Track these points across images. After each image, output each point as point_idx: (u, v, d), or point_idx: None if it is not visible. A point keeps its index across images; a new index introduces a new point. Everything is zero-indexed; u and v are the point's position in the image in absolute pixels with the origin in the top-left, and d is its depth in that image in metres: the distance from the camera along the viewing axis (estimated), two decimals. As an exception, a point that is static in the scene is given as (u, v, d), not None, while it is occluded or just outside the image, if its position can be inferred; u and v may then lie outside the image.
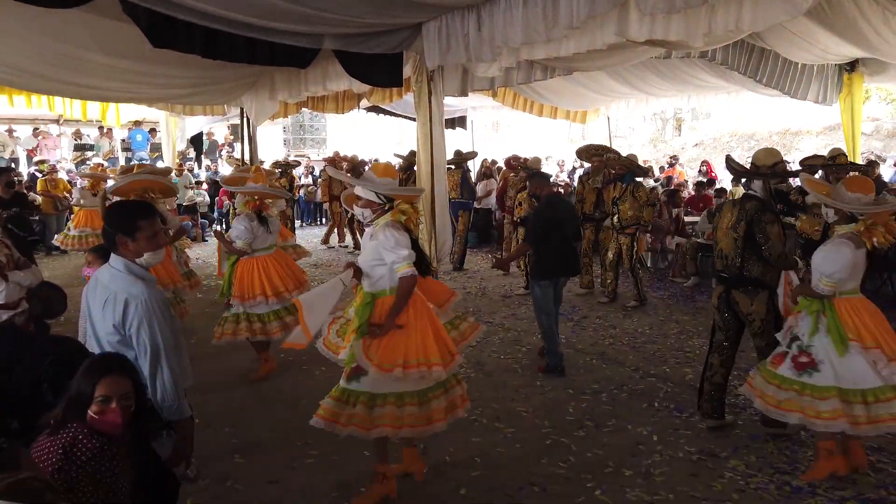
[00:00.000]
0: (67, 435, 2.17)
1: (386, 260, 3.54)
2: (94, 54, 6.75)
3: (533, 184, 6.17)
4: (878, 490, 3.74)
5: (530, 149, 16.42)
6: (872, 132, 19.46)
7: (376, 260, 3.58)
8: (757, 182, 4.31)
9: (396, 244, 3.47)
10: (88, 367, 2.26)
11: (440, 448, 4.31)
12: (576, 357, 6.18)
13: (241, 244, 5.51)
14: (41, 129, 16.52)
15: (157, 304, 2.52)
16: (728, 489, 3.78)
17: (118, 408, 2.22)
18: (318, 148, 22.70)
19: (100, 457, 2.19)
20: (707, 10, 4.33)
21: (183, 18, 5.17)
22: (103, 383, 2.21)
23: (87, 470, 2.16)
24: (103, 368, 2.25)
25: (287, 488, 3.86)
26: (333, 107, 11.24)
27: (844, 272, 3.73)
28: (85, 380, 2.21)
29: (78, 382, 2.22)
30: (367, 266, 3.63)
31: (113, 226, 2.60)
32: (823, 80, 9.88)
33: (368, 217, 3.72)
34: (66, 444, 2.14)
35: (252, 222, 5.53)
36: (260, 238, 5.59)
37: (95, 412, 2.21)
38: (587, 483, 3.87)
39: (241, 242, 5.50)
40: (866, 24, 6.67)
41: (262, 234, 5.60)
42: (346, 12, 5.35)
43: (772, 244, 4.16)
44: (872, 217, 3.76)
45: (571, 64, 7.35)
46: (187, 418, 2.57)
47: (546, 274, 5.72)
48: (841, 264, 3.73)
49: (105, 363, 2.30)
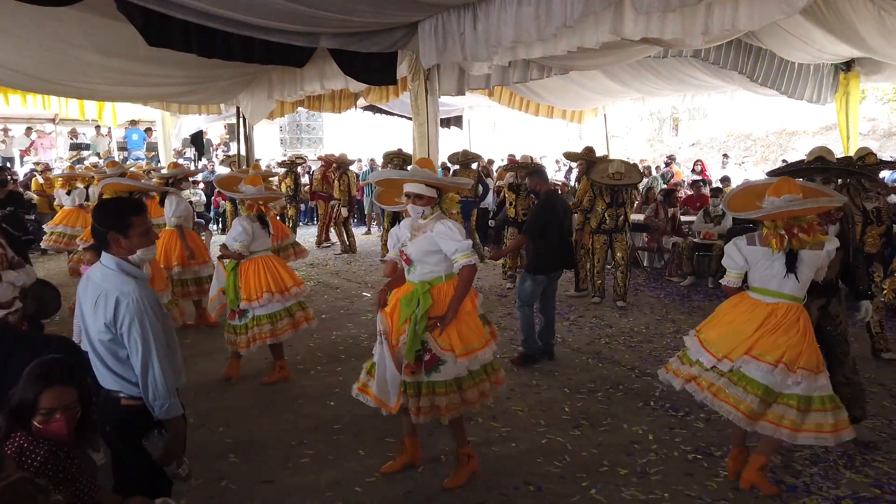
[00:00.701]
0: (13, 446, 2.12)
1: (446, 249, 3.63)
2: (89, 53, 6.74)
3: (532, 181, 6.20)
4: (872, 489, 3.74)
5: (527, 148, 16.43)
6: (869, 132, 19.48)
7: (431, 250, 3.66)
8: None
9: (459, 234, 3.61)
10: (31, 377, 2.20)
11: (435, 447, 4.30)
12: (571, 356, 6.18)
13: (238, 246, 5.41)
14: (36, 128, 16.49)
15: (148, 302, 2.50)
16: (723, 488, 3.78)
17: (62, 418, 2.17)
18: (314, 147, 22.65)
19: (53, 461, 2.15)
20: (702, 8, 4.33)
21: (178, 17, 5.15)
22: (47, 395, 2.17)
23: (46, 475, 2.11)
24: (46, 379, 2.20)
25: (281, 487, 3.85)
26: (330, 106, 11.23)
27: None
28: (28, 389, 2.16)
29: (20, 391, 2.16)
30: (421, 256, 3.70)
31: (104, 224, 2.57)
32: (819, 80, 9.90)
33: (419, 212, 3.74)
34: (14, 454, 2.09)
35: (253, 224, 5.45)
36: (259, 240, 5.51)
37: (39, 422, 2.16)
38: (582, 482, 3.86)
39: (239, 245, 5.41)
40: (861, 24, 6.69)
41: (262, 236, 5.53)
42: (343, 11, 5.34)
43: None
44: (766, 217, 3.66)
45: (567, 63, 7.36)
46: (179, 417, 2.55)
47: (545, 269, 5.81)
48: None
49: (48, 373, 2.24)
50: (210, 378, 5.60)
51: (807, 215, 3.60)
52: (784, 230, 3.59)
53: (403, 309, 3.67)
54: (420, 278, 3.71)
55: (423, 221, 3.73)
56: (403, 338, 3.62)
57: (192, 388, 5.24)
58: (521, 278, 5.99)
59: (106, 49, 6.71)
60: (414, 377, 3.63)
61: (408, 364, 3.60)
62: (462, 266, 3.60)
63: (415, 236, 3.72)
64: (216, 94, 9.61)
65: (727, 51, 8.10)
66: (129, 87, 8.46)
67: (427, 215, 3.73)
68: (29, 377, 2.22)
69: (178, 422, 2.56)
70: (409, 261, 3.73)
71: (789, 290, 3.64)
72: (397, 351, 3.59)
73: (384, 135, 20.48)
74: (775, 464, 4.02)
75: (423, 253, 3.68)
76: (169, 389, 2.50)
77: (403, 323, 3.65)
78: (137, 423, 2.56)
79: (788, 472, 3.92)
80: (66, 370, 2.30)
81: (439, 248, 3.64)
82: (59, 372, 2.27)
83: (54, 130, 17.10)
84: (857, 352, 6.09)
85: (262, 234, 5.54)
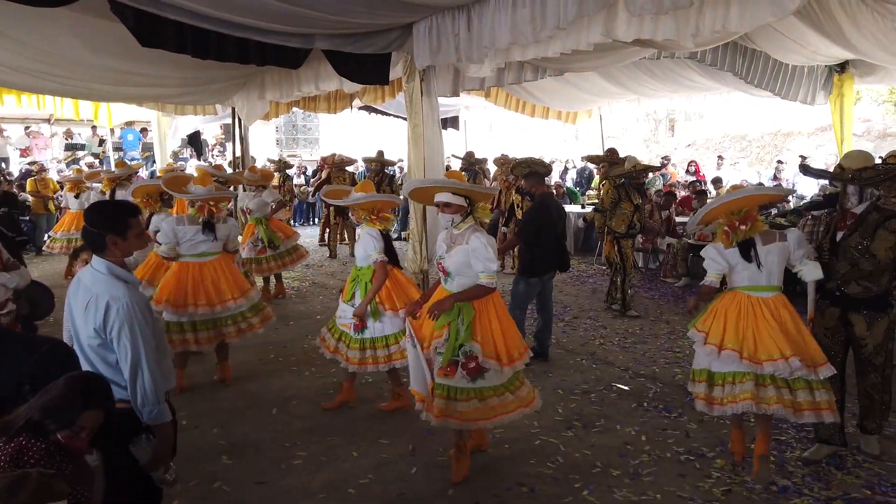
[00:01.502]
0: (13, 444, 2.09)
1: (474, 266, 3.74)
2: (83, 53, 6.72)
3: (528, 183, 6.22)
4: (863, 490, 3.76)
5: (524, 149, 16.41)
6: (864, 133, 19.54)
7: (468, 262, 3.75)
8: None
9: (492, 253, 3.71)
10: (72, 392, 2.13)
11: (429, 449, 4.31)
12: (566, 357, 6.19)
13: (164, 249, 5.27)
14: (31, 128, 16.45)
15: (138, 306, 2.49)
16: (715, 489, 3.80)
17: (87, 437, 2.16)
18: (310, 148, 22.64)
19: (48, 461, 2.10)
20: (694, 11, 4.34)
21: (171, 18, 5.14)
22: (87, 416, 2.13)
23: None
24: (90, 399, 2.16)
25: (274, 489, 3.85)
26: (325, 106, 11.21)
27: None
28: (69, 406, 2.10)
29: (56, 404, 2.09)
30: (459, 269, 3.78)
31: (101, 226, 2.55)
32: (813, 81, 9.92)
33: (449, 220, 3.84)
34: (13, 451, 2.06)
35: (185, 225, 5.28)
36: (190, 244, 5.31)
37: (65, 437, 2.13)
38: (575, 483, 3.88)
39: (165, 247, 5.26)
40: (855, 26, 6.70)
41: (199, 239, 5.32)
42: (337, 13, 5.33)
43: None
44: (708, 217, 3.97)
45: (562, 65, 7.36)
46: (167, 422, 2.55)
47: (538, 271, 5.84)
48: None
49: (92, 393, 2.19)
50: (205, 379, 5.60)
51: (742, 208, 3.78)
52: (728, 226, 3.82)
53: (441, 316, 3.73)
54: (459, 288, 3.79)
55: (457, 232, 3.83)
56: (437, 342, 3.75)
57: (185, 390, 5.25)
58: (515, 281, 6.00)
59: (100, 49, 6.68)
60: (447, 379, 3.71)
61: (442, 367, 3.70)
62: (485, 284, 3.75)
63: (451, 248, 3.82)
64: (211, 94, 9.58)
65: (721, 52, 8.10)
66: (124, 88, 8.44)
67: (459, 225, 3.81)
68: (70, 392, 2.14)
69: (167, 427, 2.54)
70: (447, 272, 3.83)
71: (767, 282, 3.82)
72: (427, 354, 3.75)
73: (381, 135, 20.48)
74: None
75: (462, 265, 3.77)
76: (158, 395, 2.49)
77: (441, 328, 3.75)
78: (127, 427, 2.56)
79: (780, 473, 3.94)
80: (106, 391, 2.26)
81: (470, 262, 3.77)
82: (100, 393, 2.23)
83: (53, 133, 17.06)
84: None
85: (197, 237, 5.31)
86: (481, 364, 3.69)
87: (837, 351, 4.08)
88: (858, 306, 3.98)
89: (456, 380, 3.69)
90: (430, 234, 6.79)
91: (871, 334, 3.98)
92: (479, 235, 3.76)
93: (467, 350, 3.68)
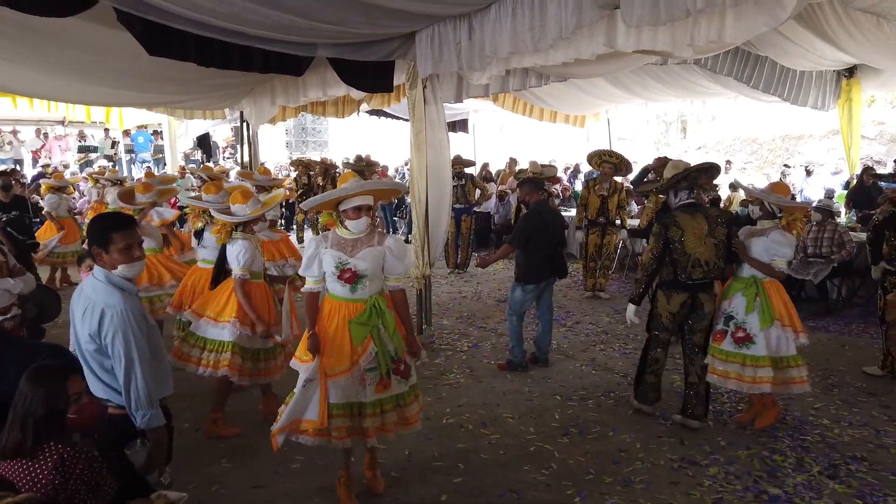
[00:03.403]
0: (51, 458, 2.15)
1: (394, 268, 3.66)
2: (93, 60, 6.84)
3: (522, 191, 6.26)
4: (854, 500, 3.78)
5: (534, 152, 16.41)
6: (876, 136, 19.37)
7: (382, 264, 3.65)
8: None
9: (409, 253, 3.73)
10: (46, 378, 2.24)
11: (425, 454, 4.37)
12: (565, 363, 6.23)
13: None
14: (49, 130, 16.67)
15: (133, 314, 2.58)
16: (706, 497, 3.83)
17: (89, 399, 2.29)
18: (319, 150, 22.79)
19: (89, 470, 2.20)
20: (690, 21, 4.37)
21: (177, 27, 5.23)
22: (72, 382, 2.26)
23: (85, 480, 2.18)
24: (65, 371, 2.29)
25: (271, 493, 3.92)
26: (333, 111, 11.31)
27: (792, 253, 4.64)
28: (51, 388, 2.20)
29: (42, 398, 2.18)
30: (376, 271, 3.63)
31: (89, 238, 2.68)
32: (822, 86, 9.90)
33: (363, 224, 3.65)
34: (57, 464, 2.13)
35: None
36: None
37: (74, 412, 2.23)
38: (567, 490, 3.92)
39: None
40: (858, 32, 6.70)
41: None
42: (338, 22, 5.40)
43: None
44: (792, 212, 4.67)
45: (565, 71, 7.39)
46: (161, 427, 2.63)
47: (533, 278, 5.88)
48: (792, 247, 4.61)
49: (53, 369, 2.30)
50: (206, 383, 5.66)
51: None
52: (799, 221, 4.84)
53: (357, 329, 3.55)
54: (371, 293, 3.63)
55: (362, 235, 3.64)
56: (365, 358, 3.56)
57: (188, 394, 5.32)
58: (512, 287, 6.05)
59: (109, 56, 6.80)
60: (388, 391, 3.63)
61: (381, 380, 3.58)
62: (399, 289, 3.73)
63: (353, 251, 3.58)
64: (219, 100, 9.71)
65: (731, 59, 8.10)
66: (134, 93, 8.58)
67: (367, 227, 3.67)
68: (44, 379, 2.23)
69: (160, 432, 2.63)
70: (359, 275, 3.58)
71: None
72: (363, 371, 3.58)
73: (390, 137, 20.59)
74: (758, 474, 4.07)
75: (378, 267, 3.62)
76: (151, 400, 2.58)
77: (361, 343, 3.55)
78: (124, 431, 2.64)
79: (772, 483, 3.96)
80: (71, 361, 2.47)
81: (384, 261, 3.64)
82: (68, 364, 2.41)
83: (66, 133, 17.27)
84: (852, 360, 6.14)
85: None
86: (408, 363, 3.72)
87: None
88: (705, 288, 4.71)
89: (397, 386, 3.67)
90: (433, 238, 6.85)
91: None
92: (395, 236, 3.77)
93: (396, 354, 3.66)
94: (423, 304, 6.90)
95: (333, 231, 3.68)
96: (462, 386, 5.64)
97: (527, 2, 4.98)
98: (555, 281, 6.09)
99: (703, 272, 4.61)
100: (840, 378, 5.78)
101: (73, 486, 2.15)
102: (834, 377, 5.80)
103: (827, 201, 8.68)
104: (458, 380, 5.78)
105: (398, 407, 3.68)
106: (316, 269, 3.64)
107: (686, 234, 4.57)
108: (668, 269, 4.69)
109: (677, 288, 4.68)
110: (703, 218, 4.62)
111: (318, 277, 3.66)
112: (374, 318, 3.58)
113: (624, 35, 4.85)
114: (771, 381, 4.53)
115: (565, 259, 6.19)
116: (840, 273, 7.87)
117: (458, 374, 5.90)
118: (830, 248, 7.75)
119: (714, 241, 4.59)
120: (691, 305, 4.68)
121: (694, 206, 4.67)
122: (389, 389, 3.62)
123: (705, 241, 4.57)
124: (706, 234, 4.57)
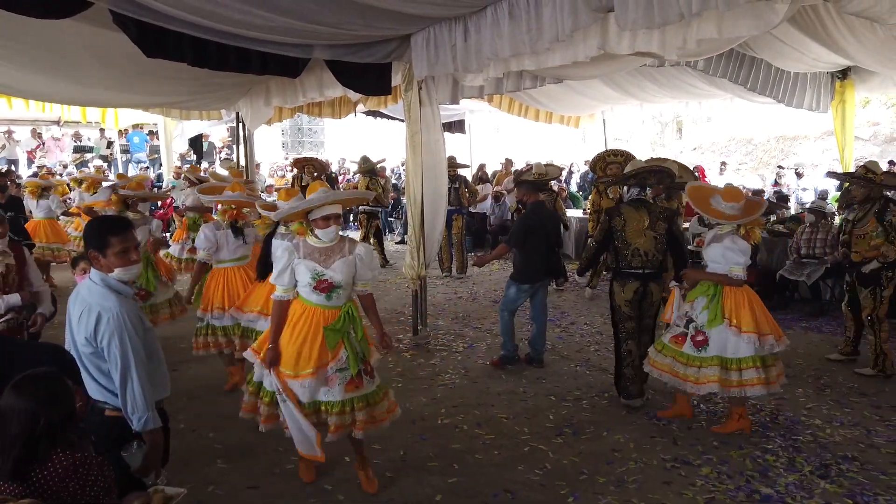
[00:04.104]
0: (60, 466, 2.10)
1: (364, 276, 3.85)
2: (89, 61, 6.83)
3: (519, 191, 6.29)
4: (845, 500, 3.81)
5: (530, 152, 16.46)
6: (871, 137, 19.46)
7: (353, 273, 3.81)
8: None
9: (375, 261, 3.83)
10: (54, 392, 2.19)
11: (420, 454, 4.39)
12: (560, 363, 6.26)
13: (202, 255, 5.39)
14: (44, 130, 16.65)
15: (129, 317, 2.59)
16: (698, 496, 3.86)
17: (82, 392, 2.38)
18: (315, 150, 22.80)
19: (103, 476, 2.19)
20: (684, 24, 4.40)
21: (173, 29, 5.24)
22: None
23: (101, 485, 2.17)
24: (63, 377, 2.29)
25: (267, 493, 3.94)
26: (330, 111, 11.30)
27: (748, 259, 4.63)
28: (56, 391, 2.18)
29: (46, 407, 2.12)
30: (349, 280, 3.79)
31: (85, 240, 2.69)
32: (816, 88, 9.93)
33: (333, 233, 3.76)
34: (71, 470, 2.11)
35: (218, 231, 5.40)
36: (228, 249, 5.43)
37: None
38: (561, 490, 3.95)
39: (203, 253, 5.37)
40: (851, 34, 6.73)
41: (232, 244, 5.44)
42: (334, 24, 5.42)
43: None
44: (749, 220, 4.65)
45: (560, 73, 7.42)
46: (157, 429, 2.65)
47: (529, 278, 5.93)
48: (744, 254, 4.57)
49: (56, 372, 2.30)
50: (203, 384, 5.69)
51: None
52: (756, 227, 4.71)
53: (331, 335, 3.68)
54: (344, 300, 3.77)
55: (333, 244, 3.75)
56: (336, 363, 3.69)
57: (184, 394, 5.35)
58: (507, 285, 6.10)
59: (105, 57, 6.80)
60: (359, 391, 3.74)
61: (351, 380, 3.71)
62: (367, 293, 3.91)
63: (327, 261, 3.70)
64: (216, 100, 9.70)
65: (725, 61, 8.13)
66: (130, 94, 8.57)
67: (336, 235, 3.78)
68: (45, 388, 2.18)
69: (156, 434, 2.65)
70: (333, 287, 3.70)
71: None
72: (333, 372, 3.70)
73: (386, 138, 20.60)
74: (750, 474, 4.10)
75: (351, 276, 3.77)
76: (147, 403, 2.59)
77: (335, 348, 3.69)
78: (121, 434, 2.66)
79: (764, 482, 3.99)
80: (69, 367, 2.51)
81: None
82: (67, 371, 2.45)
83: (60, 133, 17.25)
84: (844, 361, 6.18)
85: (232, 242, 5.51)
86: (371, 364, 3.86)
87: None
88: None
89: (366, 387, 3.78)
90: (428, 240, 6.88)
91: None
92: (364, 243, 3.94)
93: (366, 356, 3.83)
94: (419, 304, 6.92)
95: (303, 240, 3.77)
96: (457, 386, 5.67)
97: (522, 4, 5.01)
98: (549, 282, 6.13)
99: (641, 262, 5.02)
100: (832, 378, 5.83)
101: (92, 491, 2.13)
102: (826, 377, 5.85)
103: (820, 202, 8.74)
104: (453, 380, 5.81)
105: (368, 406, 3.77)
106: (287, 278, 3.75)
107: (628, 224, 5.04)
108: (613, 258, 5.24)
109: (627, 277, 5.08)
110: (647, 212, 5.05)
111: (287, 286, 3.78)
112: (347, 325, 3.73)
113: (617, 38, 4.89)
114: (717, 380, 4.48)
115: (562, 260, 6.24)
116: (833, 274, 7.92)
117: (453, 375, 5.93)
118: (824, 250, 7.80)
119: (654, 235, 5.01)
120: (643, 293, 5.07)
121: (640, 202, 5.13)
122: (360, 389, 3.75)
123: (645, 234, 5.00)
124: (647, 227, 5.00)
